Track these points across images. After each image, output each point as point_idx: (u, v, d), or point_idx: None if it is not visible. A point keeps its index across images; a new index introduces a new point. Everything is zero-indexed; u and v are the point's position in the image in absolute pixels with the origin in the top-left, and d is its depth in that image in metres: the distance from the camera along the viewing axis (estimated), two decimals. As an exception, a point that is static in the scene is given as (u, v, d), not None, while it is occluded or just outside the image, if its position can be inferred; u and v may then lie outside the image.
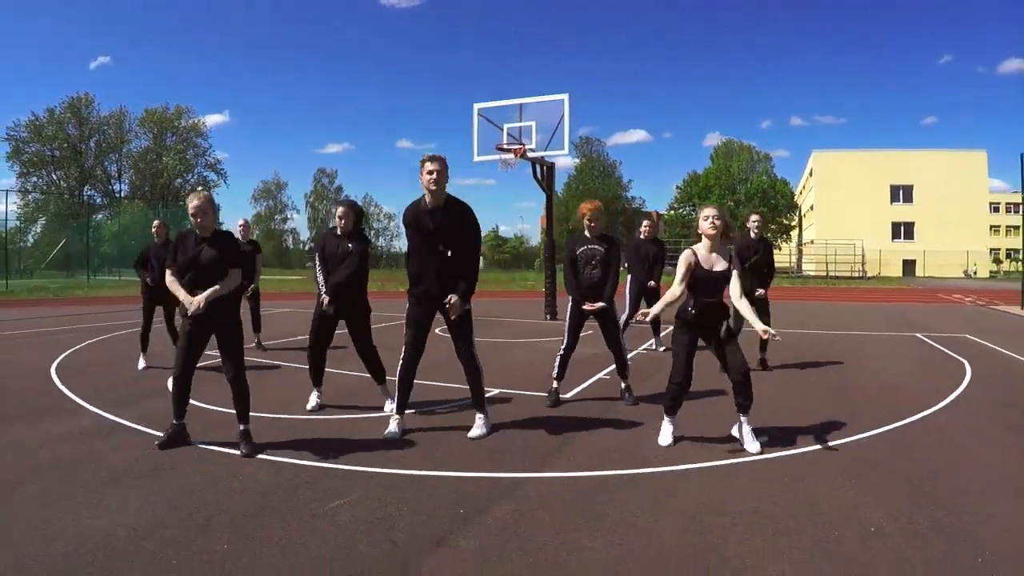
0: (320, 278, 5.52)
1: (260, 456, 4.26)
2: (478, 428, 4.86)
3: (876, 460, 4.30)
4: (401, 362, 4.89)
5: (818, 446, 4.59)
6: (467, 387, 5.02)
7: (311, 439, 4.67)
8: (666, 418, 4.68)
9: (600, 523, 3.24)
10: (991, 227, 59.86)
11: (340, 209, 5.60)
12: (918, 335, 11.65)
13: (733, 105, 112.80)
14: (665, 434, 4.65)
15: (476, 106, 14.09)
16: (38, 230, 59.86)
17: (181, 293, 4.35)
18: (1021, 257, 24.64)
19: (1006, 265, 66.55)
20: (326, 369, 5.80)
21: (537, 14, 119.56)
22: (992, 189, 63.15)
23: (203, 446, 4.46)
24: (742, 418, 4.53)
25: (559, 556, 2.89)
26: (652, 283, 8.87)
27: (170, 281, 4.44)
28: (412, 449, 4.50)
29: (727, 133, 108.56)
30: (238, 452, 4.30)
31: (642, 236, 9.08)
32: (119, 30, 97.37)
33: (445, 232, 4.66)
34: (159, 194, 65.54)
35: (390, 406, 5.30)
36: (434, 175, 4.61)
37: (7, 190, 43.10)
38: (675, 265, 4.73)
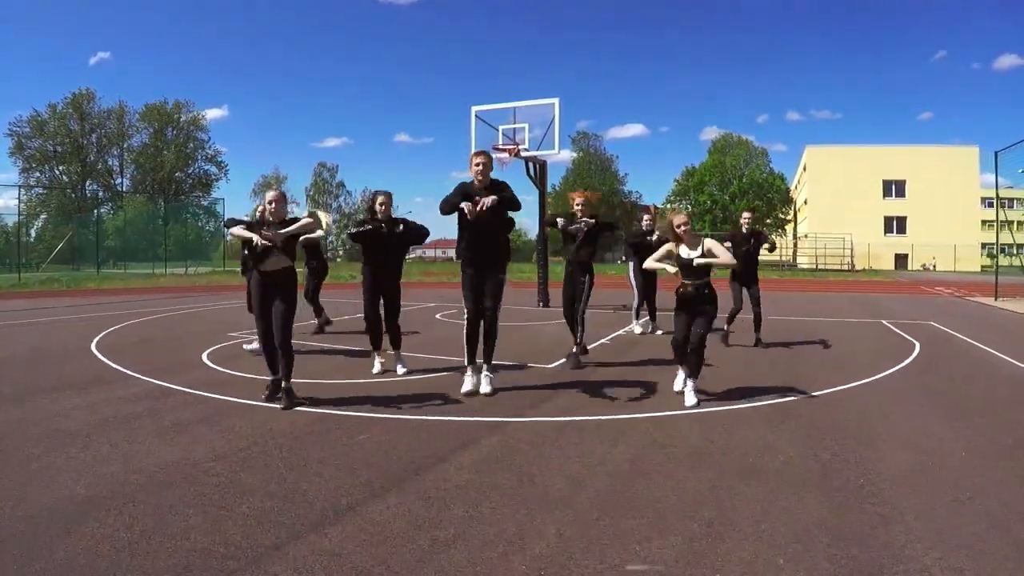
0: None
1: (298, 408, 5.17)
2: (486, 384, 5.72)
3: (802, 414, 5.20)
4: (466, 327, 5.81)
5: (755, 403, 5.49)
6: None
7: (339, 398, 5.57)
8: (680, 368, 5.65)
9: (566, 450, 4.16)
10: (983, 222, 60.70)
11: (382, 197, 6.58)
12: (883, 321, 12.56)
13: (730, 99, 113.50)
14: (679, 381, 5.65)
15: (474, 109, 15.08)
16: (40, 225, 60.76)
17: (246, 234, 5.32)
18: (996, 252, 25.49)
19: (1000, 259, 67.47)
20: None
21: (534, 9, 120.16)
22: (987, 185, 64.04)
23: (248, 402, 5.37)
24: (689, 379, 5.51)
25: (531, 470, 3.79)
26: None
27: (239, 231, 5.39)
28: (423, 401, 5.42)
29: (724, 127, 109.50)
30: (278, 406, 5.21)
31: (644, 227, 9.96)
32: (119, 26, 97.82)
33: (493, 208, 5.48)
34: (160, 188, 66.39)
35: (402, 370, 6.63)
36: (481, 167, 5.59)
37: (19, 185, 43.85)
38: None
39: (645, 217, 10.13)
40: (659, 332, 9.98)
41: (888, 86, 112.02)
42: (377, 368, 6.73)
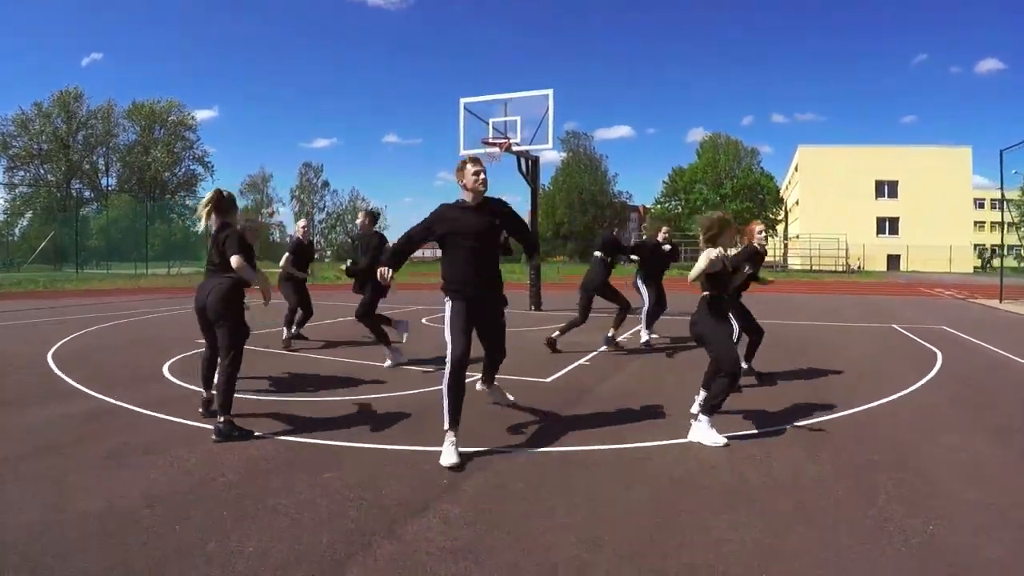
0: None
1: (256, 433, 4.46)
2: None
3: (844, 440, 4.53)
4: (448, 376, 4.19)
5: (786, 425, 4.83)
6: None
7: (304, 417, 4.88)
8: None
9: (571, 494, 3.47)
10: (975, 223, 60.63)
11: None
12: (895, 326, 11.95)
13: (716, 101, 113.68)
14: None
15: (462, 100, 14.26)
16: (25, 224, 59.65)
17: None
18: (1001, 253, 25.01)
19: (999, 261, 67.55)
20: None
21: (521, 12, 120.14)
22: (979, 186, 63.99)
23: (201, 426, 4.67)
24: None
25: (531, 523, 3.11)
26: None
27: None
28: (401, 424, 4.71)
29: (710, 128, 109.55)
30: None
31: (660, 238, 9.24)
32: (112, 28, 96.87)
33: (489, 229, 4.34)
34: (147, 188, 65.35)
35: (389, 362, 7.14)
36: (481, 176, 4.30)
37: (3, 183, 42.94)
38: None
39: (665, 229, 9.36)
40: (654, 336, 9.21)
41: (871, 89, 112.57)
42: (388, 364, 7.14)
